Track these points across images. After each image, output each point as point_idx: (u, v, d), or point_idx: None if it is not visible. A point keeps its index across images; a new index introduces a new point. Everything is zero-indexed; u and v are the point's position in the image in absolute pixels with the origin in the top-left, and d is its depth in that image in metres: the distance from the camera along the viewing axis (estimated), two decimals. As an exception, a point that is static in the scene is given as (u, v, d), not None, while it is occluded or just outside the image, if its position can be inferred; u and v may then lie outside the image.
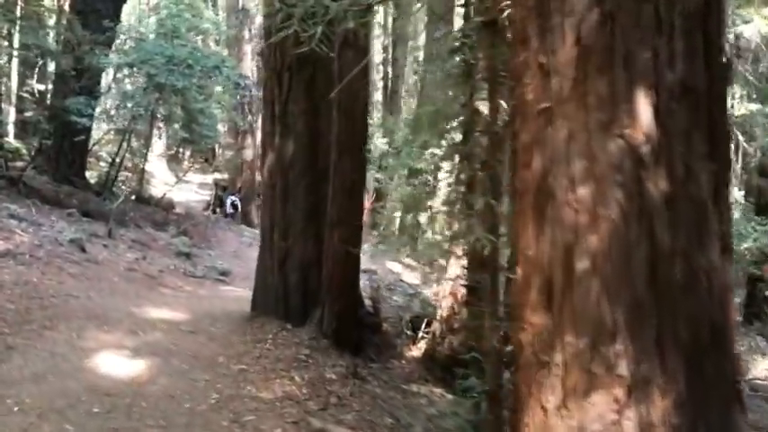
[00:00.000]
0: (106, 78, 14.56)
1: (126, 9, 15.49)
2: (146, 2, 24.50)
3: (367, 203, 21.73)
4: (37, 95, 17.01)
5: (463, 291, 6.04)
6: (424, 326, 7.23)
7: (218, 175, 25.98)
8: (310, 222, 7.13)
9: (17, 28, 12.70)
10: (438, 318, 6.66)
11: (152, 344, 5.90)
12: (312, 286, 7.12)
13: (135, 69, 11.52)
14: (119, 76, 12.29)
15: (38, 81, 17.36)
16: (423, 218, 16.35)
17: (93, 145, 15.67)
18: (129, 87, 13.38)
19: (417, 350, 7.04)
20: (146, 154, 17.70)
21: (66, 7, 14.46)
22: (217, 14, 24.89)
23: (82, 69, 13.02)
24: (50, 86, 15.53)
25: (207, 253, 13.37)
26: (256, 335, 6.57)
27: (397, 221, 22.20)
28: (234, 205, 21.05)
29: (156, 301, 8.03)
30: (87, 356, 5.31)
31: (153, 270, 10.19)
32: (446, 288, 6.48)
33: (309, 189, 7.17)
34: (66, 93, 12.51)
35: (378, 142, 20.10)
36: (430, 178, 16.61)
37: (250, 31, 22.39)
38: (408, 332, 7.32)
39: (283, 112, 7.18)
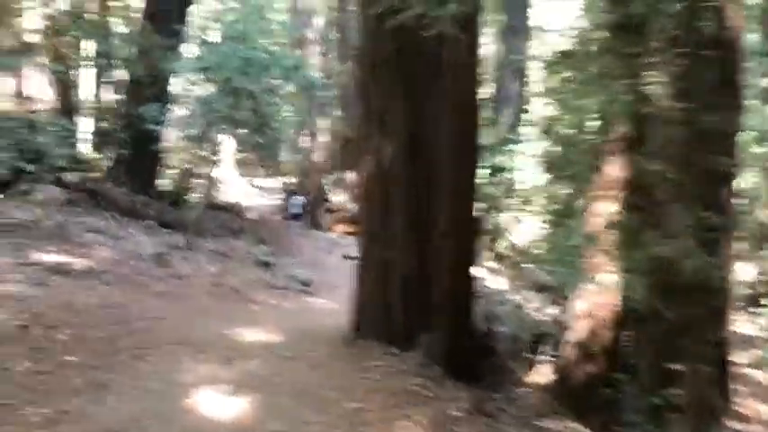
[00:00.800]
0: (175, 85, 14.15)
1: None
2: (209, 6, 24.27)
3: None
4: (112, 106, 16.78)
5: (609, 313, 5.16)
6: (543, 347, 6.38)
7: (286, 179, 25.64)
8: (414, 233, 6.36)
9: (89, 37, 12.34)
10: (570, 340, 5.79)
11: (251, 375, 5.24)
12: (417, 304, 6.35)
13: (208, 74, 10.97)
14: (191, 80, 11.77)
15: (114, 92, 17.14)
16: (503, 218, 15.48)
17: (165, 153, 15.30)
18: (201, 93, 12.90)
19: (540, 376, 6.19)
20: (217, 160, 17.32)
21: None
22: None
23: (155, 76, 12.62)
24: (123, 96, 15.24)
25: (286, 261, 12.79)
26: (361, 361, 5.85)
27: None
28: (301, 206, 20.59)
29: (246, 320, 7.41)
30: (184, 393, 4.68)
31: (237, 283, 9.64)
32: (585, 306, 5.59)
33: (412, 195, 6.40)
34: (140, 100, 12.09)
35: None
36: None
37: (313, 31, 21.91)
38: (528, 354, 6.48)
39: (381, 110, 6.43)
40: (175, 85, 13.11)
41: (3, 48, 12.80)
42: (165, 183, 17.20)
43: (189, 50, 12.90)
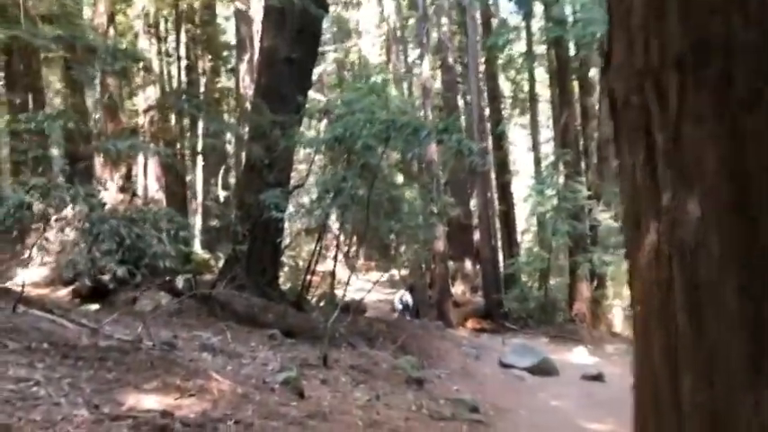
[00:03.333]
0: (298, 171, 11.94)
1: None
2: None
3: (585, 291, 17.95)
4: (222, 200, 14.78)
5: None
6: None
7: (400, 272, 23.11)
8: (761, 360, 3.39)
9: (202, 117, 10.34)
10: None
11: None
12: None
13: (336, 150, 8.65)
14: (315, 161, 9.53)
15: (222, 187, 15.22)
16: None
17: (285, 248, 13.03)
18: (324, 175, 10.57)
19: None
20: (337, 254, 14.91)
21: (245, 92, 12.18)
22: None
23: (273, 160, 10.46)
24: (233, 188, 13.10)
25: (435, 374, 9.92)
26: None
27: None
28: (403, 302, 17.80)
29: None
30: None
31: (395, 417, 6.83)
32: None
33: (745, 292, 3.47)
34: (259, 186, 9.87)
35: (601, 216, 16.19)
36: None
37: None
38: None
39: (673, 143, 3.63)
40: (297, 168, 10.90)
41: (113, 131, 11.00)
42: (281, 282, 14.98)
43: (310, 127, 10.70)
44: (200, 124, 12.73)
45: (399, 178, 14.32)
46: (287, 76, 11.83)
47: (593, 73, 21.52)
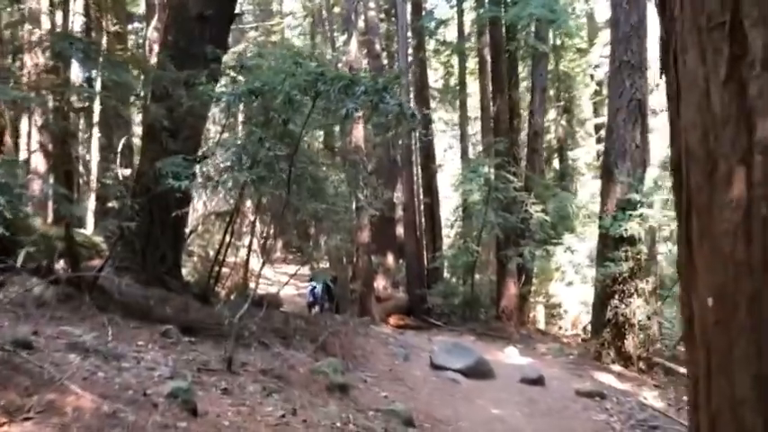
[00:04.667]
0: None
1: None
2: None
3: (512, 287, 16.93)
4: (122, 179, 12.85)
5: None
6: None
7: (320, 264, 21.53)
8: None
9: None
10: None
11: None
12: None
13: (253, 109, 7.03)
14: (228, 126, 7.87)
15: (123, 165, 13.26)
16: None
17: (192, 231, 11.28)
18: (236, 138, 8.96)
19: None
20: (251, 242, 13.28)
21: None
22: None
23: (177, 125, 8.73)
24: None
25: (361, 378, 8.49)
26: None
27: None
28: (315, 294, 16.40)
29: None
30: None
31: (317, 439, 5.34)
32: None
33: None
34: (158, 153, 8.13)
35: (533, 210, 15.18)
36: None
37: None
38: None
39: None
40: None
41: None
42: (186, 272, 13.20)
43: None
44: (99, 85, 10.75)
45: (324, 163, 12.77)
46: (198, 35, 10.10)
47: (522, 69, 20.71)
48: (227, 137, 8.73)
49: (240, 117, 10.07)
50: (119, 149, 12.61)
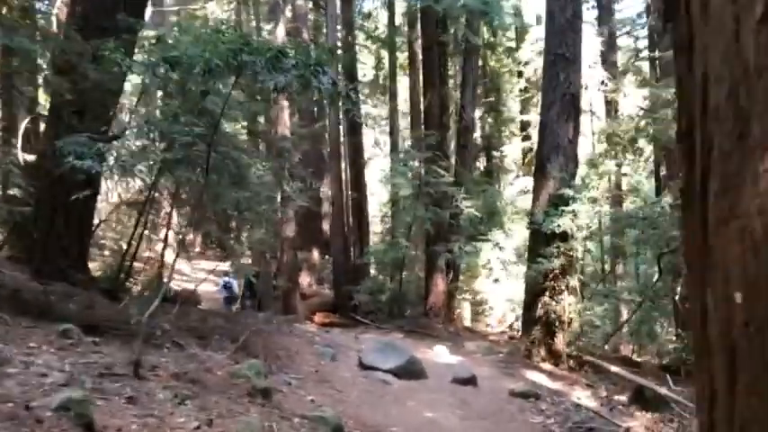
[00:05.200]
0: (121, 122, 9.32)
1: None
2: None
3: (441, 284, 16.57)
4: (24, 165, 11.67)
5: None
6: None
7: (241, 258, 20.60)
8: None
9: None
10: None
11: None
12: None
13: (172, 81, 6.26)
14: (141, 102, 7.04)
15: (26, 149, 12.06)
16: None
17: (102, 221, 10.31)
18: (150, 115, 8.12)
19: None
20: (167, 234, 12.39)
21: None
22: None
23: (84, 101, 7.82)
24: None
25: (285, 381, 7.84)
26: None
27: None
28: (227, 288, 15.65)
29: None
30: None
31: (235, 455, 4.68)
32: None
33: None
34: (62, 133, 7.22)
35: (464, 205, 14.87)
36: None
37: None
38: None
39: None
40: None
41: None
42: (94, 267, 12.17)
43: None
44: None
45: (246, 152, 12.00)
46: (111, 7, 9.17)
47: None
48: (141, 115, 7.87)
49: (159, 94, 9.18)
50: (21, 131, 11.44)
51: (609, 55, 20.11)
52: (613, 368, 10.70)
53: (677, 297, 12.77)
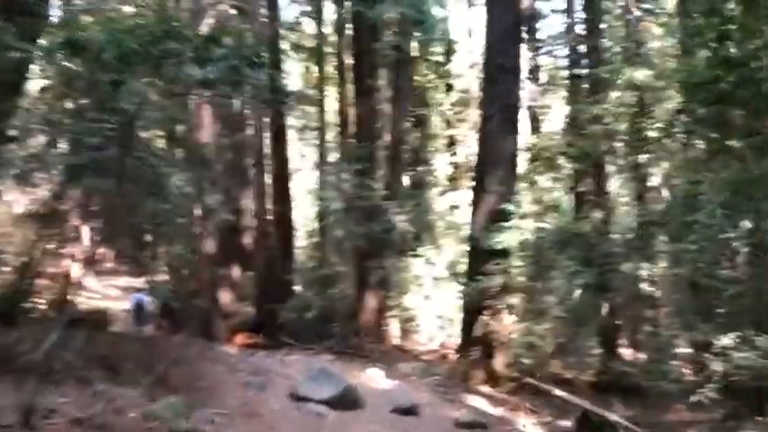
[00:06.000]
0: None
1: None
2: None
3: (373, 301, 15.75)
4: None
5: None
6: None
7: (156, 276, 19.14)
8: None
9: None
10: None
11: None
12: None
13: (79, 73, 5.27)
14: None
15: None
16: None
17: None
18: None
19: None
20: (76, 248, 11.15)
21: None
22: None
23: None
24: None
25: (208, 419, 6.87)
26: None
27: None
28: (138, 307, 14.24)
29: None
30: None
31: None
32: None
33: None
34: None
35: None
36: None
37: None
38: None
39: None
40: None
41: None
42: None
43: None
44: None
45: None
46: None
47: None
48: (41, 113, 6.76)
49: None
50: None
51: (534, 72, 20.08)
52: (556, 391, 10.24)
53: (602, 313, 12.55)
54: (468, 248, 11.66)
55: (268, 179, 19.38)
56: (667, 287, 13.57)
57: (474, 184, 11.96)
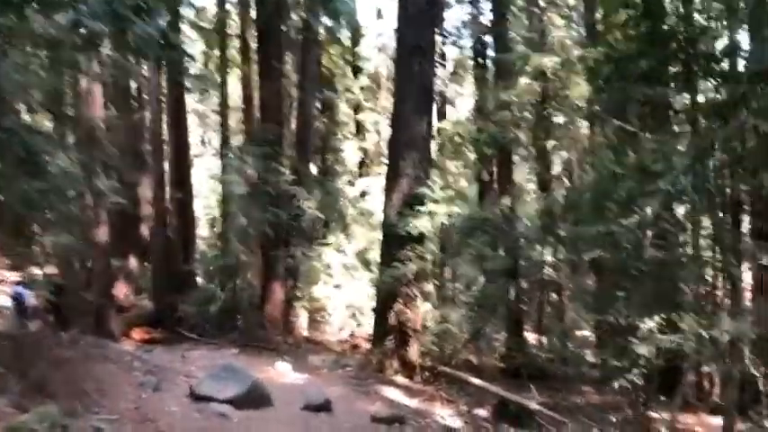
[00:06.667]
0: None
1: None
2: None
3: (280, 291, 14.81)
4: None
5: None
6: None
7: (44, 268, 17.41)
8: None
9: None
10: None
11: None
12: None
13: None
14: None
15: None
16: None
17: None
18: None
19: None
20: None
21: None
22: None
23: None
24: None
25: (93, 426, 5.91)
26: None
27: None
28: (18, 302, 12.68)
29: None
30: None
31: None
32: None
33: None
34: None
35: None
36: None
37: None
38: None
39: None
40: None
41: None
42: None
43: None
44: None
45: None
46: None
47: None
48: None
49: None
50: None
51: (442, 58, 19.78)
52: (472, 379, 9.85)
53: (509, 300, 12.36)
54: (383, 234, 11.08)
55: (167, 166, 18.08)
56: (571, 272, 13.59)
57: (388, 167, 11.37)
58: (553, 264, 12.89)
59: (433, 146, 17.45)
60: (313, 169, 19.42)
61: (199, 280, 17.99)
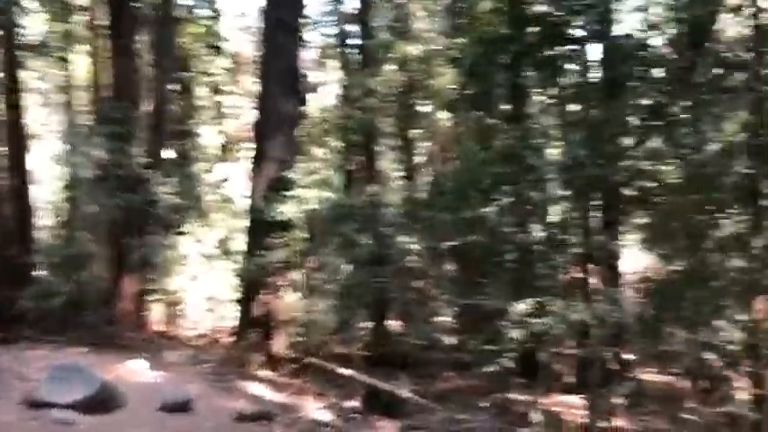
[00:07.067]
0: None
1: None
2: None
3: (132, 283, 13.57)
4: None
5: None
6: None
7: None
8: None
9: None
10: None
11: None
12: None
13: None
14: None
15: None
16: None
17: None
18: None
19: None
20: None
21: None
22: None
23: None
24: None
25: None
26: None
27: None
28: None
29: None
30: None
31: None
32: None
33: None
34: None
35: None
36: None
37: None
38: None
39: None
40: None
41: None
42: None
43: None
44: None
45: None
46: None
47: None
48: None
49: None
50: None
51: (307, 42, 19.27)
52: (340, 370, 9.54)
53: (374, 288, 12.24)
54: (248, 221, 10.44)
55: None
56: (433, 260, 13.70)
57: (254, 150, 10.73)
58: (417, 251, 12.89)
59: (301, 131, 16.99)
60: (171, 154, 18.22)
61: (39, 272, 16.30)
